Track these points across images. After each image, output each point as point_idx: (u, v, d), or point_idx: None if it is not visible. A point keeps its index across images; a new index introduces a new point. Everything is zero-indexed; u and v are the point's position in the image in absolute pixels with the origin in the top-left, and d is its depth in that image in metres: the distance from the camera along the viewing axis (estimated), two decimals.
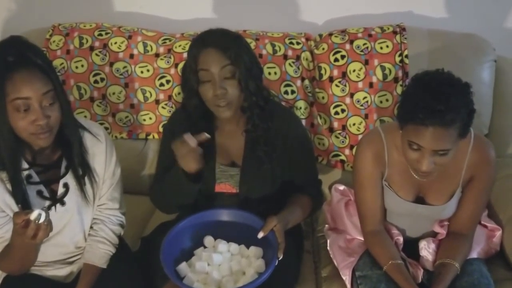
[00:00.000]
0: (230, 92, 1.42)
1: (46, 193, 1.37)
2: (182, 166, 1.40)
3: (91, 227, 1.48)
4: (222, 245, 1.43)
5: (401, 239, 1.51)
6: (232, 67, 1.42)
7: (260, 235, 1.37)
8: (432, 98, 1.23)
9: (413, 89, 1.29)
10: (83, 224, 1.45)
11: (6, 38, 1.28)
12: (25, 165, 1.34)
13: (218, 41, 1.42)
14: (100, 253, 1.45)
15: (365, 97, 1.87)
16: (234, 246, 1.43)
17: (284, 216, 1.44)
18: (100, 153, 1.43)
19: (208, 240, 1.46)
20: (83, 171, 1.40)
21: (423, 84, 1.27)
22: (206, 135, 1.40)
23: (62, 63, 1.95)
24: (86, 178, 1.41)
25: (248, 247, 1.43)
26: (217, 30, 1.48)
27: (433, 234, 1.53)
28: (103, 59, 1.94)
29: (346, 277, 1.49)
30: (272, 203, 1.53)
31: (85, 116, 1.97)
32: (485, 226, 1.58)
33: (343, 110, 1.90)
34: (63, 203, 1.39)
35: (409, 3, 2.04)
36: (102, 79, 1.95)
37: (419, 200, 1.49)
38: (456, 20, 2.03)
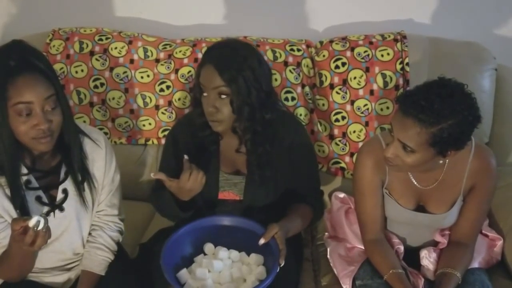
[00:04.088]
0: (221, 111, 1.42)
1: (45, 199, 1.36)
2: (179, 196, 1.42)
3: (89, 234, 1.46)
4: (223, 252, 1.42)
5: (401, 248, 1.50)
6: (227, 89, 1.40)
7: (261, 241, 1.37)
8: (425, 95, 1.24)
9: (424, 83, 1.31)
10: (82, 231, 1.44)
11: (8, 42, 1.27)
12: (24, 170, 1.33)
13: (219, 59, 1.40)
14: (98, 260, 1.44)
15: (365, 105, 1.87)
16: (234, 253, 1.43)
17: (285, 224, 1.44)
18: (100, 159, 1.43)
19: (208, 247, 1.45)
20: (82, 177, 1.39)
21: (432, 82, 1.29)
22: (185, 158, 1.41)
23: (62, 68, 1.94)
24: (85, 184, 1.40)
25: (248, 255, 1.43)
26: (227, 45, 1.46)
27: (434, 243, 1.52)
28: (103, 64, 1.94)
29: (347, 286, 1.48)
30: (274, 212, 1.52)
31: (84, 121, 1.96)
32: (486, 236, 1.58)
33: (343, 117, 1.89)
34: (62, 209, 1.38)
35: (409, 11, 2.04)
36: (102, 84, 1.94)
37: (420, 208, 1.49)
38: (456, 28, 2.03)
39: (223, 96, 1.41)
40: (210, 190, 1.51)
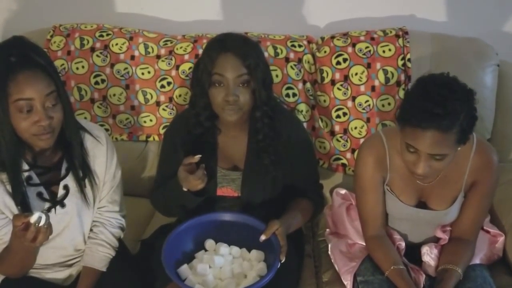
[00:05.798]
0: (241, 99, 1.42)
1: (46, 195, 1.36)
2: (186, 187, 1.42)
3: (90, 230, 1.46)
4: (224, 248, 1.42)
5: (403, 244, 1.50)
6: (248, 77, 1.41)
7: (262, 238, 1.37)
8: (431, 101, 1.22)
9: (414, 91, 1.30)
10: (83, 227, 1.44)
11: (9, 38, 1.27)
12: (25, 166, 1.33)
13: (238, 47, 1.41)
14: (99, 256, 1.44)
15: (367, 101, 1.86)
16: (235, 249, 1.43)
17: (286, 220, 1.44)
18: (101, 155, 1.43)
19: (209, 243, 1.45)
20: (83, 173, 1.39)
21: (424, 86, 1.27)
22: (197, 157, 1.41)
23: (63, 64, 1.94)
24: (86, 180, 1.40)
25: (249, 251, 1.43)
26: (238, 35, 1.48)
27: (435, 240, 1.52)
28: (104, 60, 1.93)
29: (348, 282, 1.48)
30: (274, 207, 1.53)
31: (85, 118, 1.96)
32: (488, 232, 1.57)
33: (344, 114, 1.89)
34: (63, 205, 1.38)
35: (411, 7, 2.04)
36: (102, 81, 1.94)
37: (421, 205, 1.49)
38: (459, 24, 2.03)
39: (243, 84, 1.42)
40: (209, 186, 1.51)
